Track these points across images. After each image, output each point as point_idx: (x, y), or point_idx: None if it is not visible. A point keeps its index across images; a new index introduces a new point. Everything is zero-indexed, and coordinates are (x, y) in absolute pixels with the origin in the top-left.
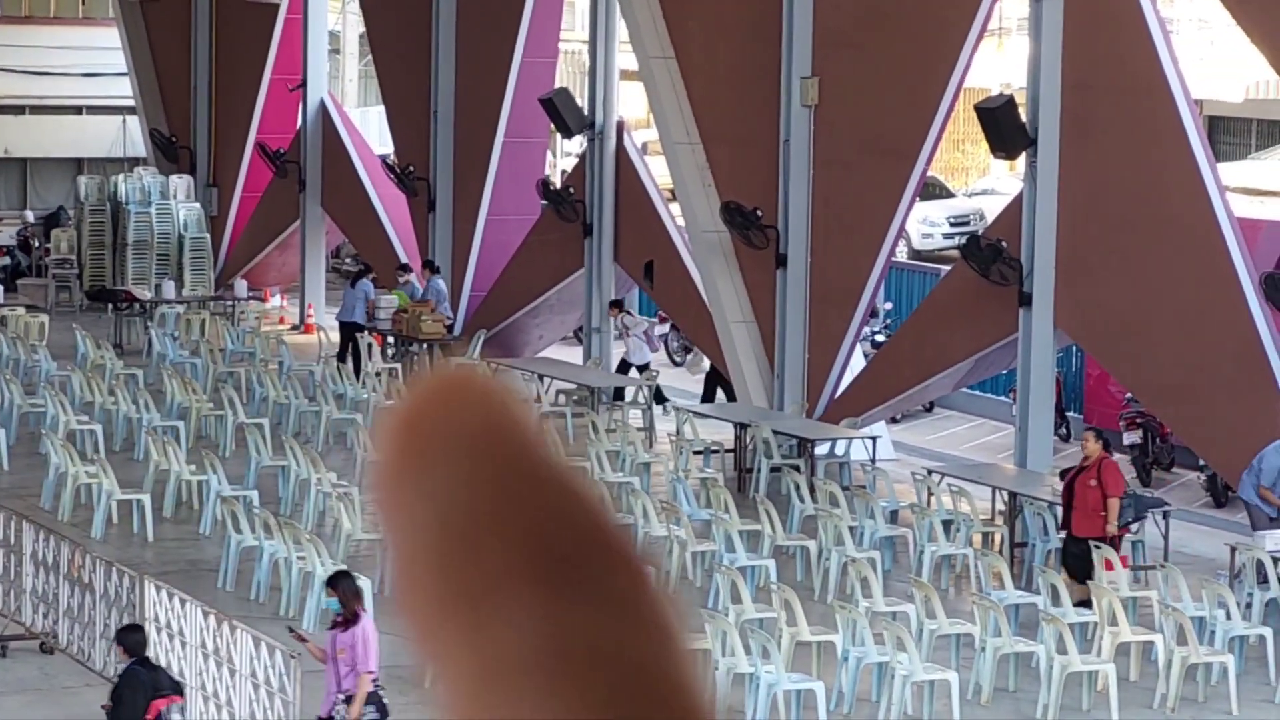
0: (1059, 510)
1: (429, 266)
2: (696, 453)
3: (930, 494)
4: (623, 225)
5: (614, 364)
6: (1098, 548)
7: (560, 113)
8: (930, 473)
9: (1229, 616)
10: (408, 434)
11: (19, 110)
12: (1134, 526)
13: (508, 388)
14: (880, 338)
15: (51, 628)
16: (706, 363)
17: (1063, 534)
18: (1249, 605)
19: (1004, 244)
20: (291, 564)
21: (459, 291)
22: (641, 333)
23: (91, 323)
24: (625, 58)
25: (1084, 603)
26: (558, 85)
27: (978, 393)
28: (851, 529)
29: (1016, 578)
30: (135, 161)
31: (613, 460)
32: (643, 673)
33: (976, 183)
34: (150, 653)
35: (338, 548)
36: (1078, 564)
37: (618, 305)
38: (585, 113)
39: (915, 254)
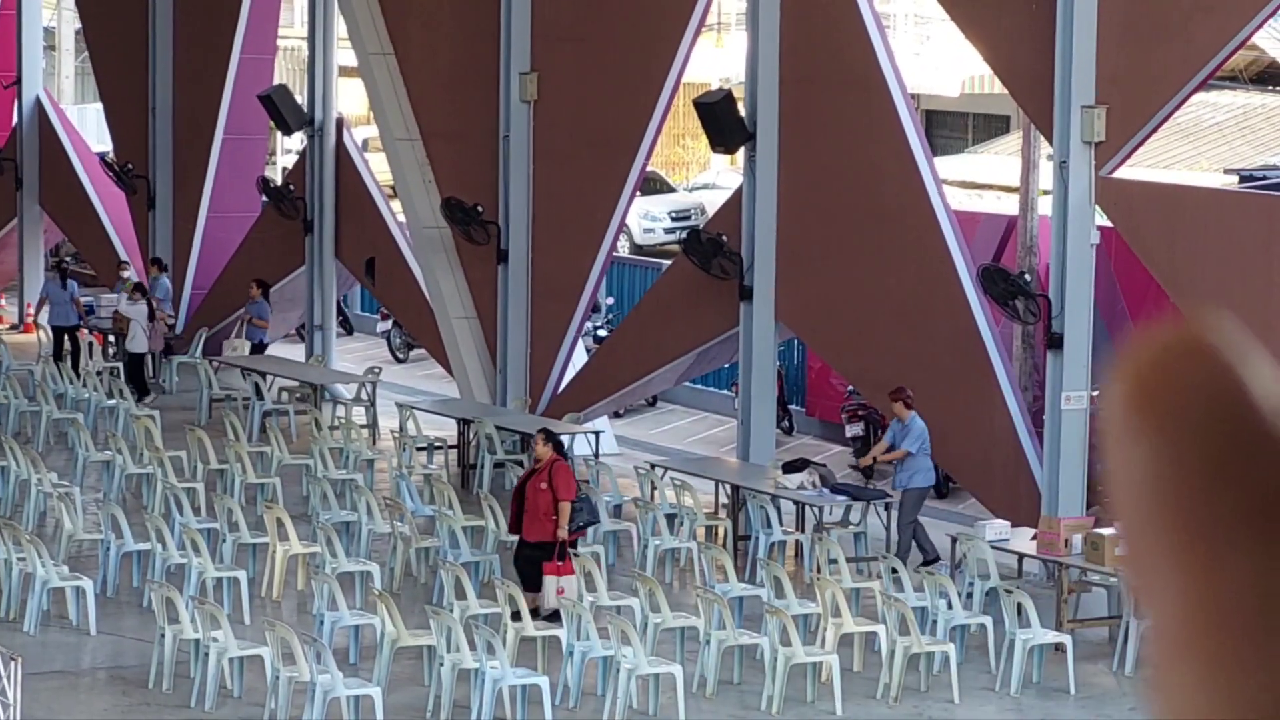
0: (783, 504)
1: (156, 264)
2: (420, 449)
3: (654, 488)
4: (344, 222)
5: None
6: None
7: (279, 109)
8: (654, 467)
9: (950, 606)
10: (1141, 387)
11: None
12: (588, 531)
13: (1234, 350)
14: (602, 332)
15: None
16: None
17: (514, 538)
18: (970, 595)
19: (724, 238)
20: (11, 565)
21: (180, 289)
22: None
23: None
24: (344, 54)
25: (534, 611)
26: (277, 82)
27: (700, 387)
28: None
29: (740, 571)
30: None
31: (336, 457)
32: None
33: (697, 177)
34: None
35: (59, 548)
36: (529, 570)
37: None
38: (305, 109)
39: (637, 249)
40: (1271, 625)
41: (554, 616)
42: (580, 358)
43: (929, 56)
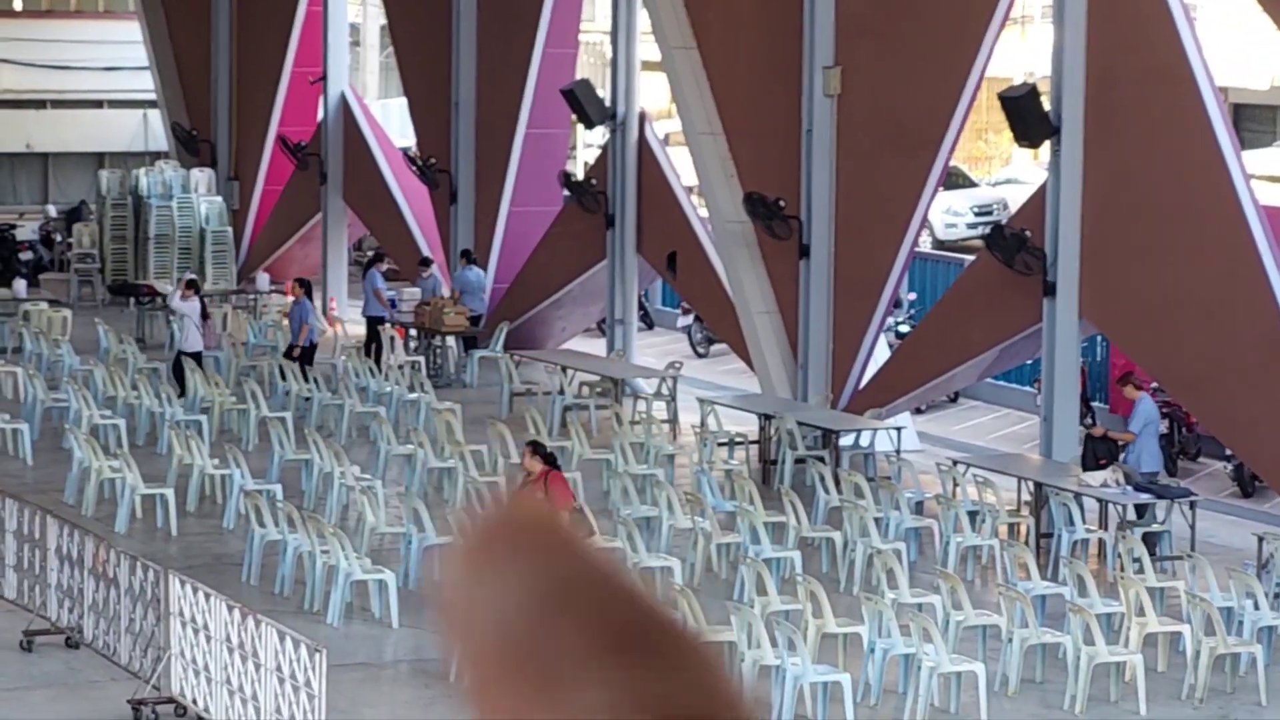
0: (1086, 501)
1: (465, 256)
2: (721, 444)
3: (955, 485)
4: (645, 216)
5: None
6: None
7: (582, 104)
8: (955, 463)
9: (1257, 606)
10: (473, 549)
11: (40, 105)
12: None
13: (555, 514)
14: (904, 328)
15: (77, 623)
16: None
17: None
18: (1277, 595)
19: (1028, 233)
20: (315, 558)
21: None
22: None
23: (114, 317)
24: (647, 48)
25: None
26: (579, 76)
27: (1002, 383)
28: (877, 520)
29: (1042, 569)
30: (156, 155)
31: (637, 452)
32: None
33: (1000, 172)
34: (175, 647)
35: (361, 541)
36: None
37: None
38: (607, 104)
39: (939, 244)
40: None
41: None
42: (882, 353)
43: (1238, 49)
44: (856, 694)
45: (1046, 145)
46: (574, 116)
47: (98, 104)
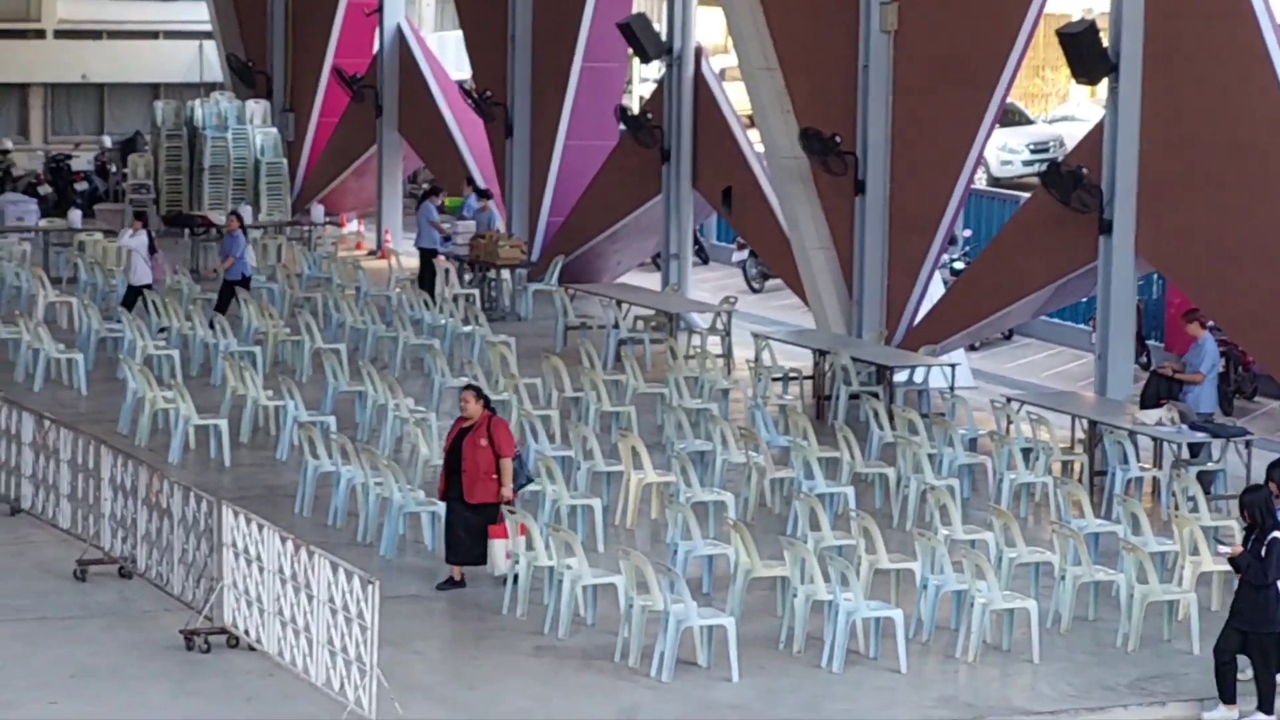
0: (1140, 439)
1: (471, 184)
2: (775, 379)
3: (1009, 422)
4: (701, 151)
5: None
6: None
7: (638, 38)
8: (1009, 400)
9: None
10: None
11: (96, 35)
12: (528, 489)
13: None
14: (959, 265)
15: (130, 552)
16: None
17: (441, 504)
18: None
19: (1085, 171)
20: (369, 489)
21: (536, 217)
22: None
23: (168, 248)
24: None
25: (460, 583)
26: (635, 10)
27: (1057, 320)
28: (930, 456)
29: (1096, 507)
30: (212, 86)
31: (691, 386)
32: None
33: (1056, 109)
34: (228, 578)
35: (414, 473)
36: (467, 537)
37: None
38: (663, 38)
39: (994, 181)
40: None
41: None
42: (937, 290)
43: None
44: (909, 630)
45: (1104, 82)
46: (630, 51)
47: (153, 35)
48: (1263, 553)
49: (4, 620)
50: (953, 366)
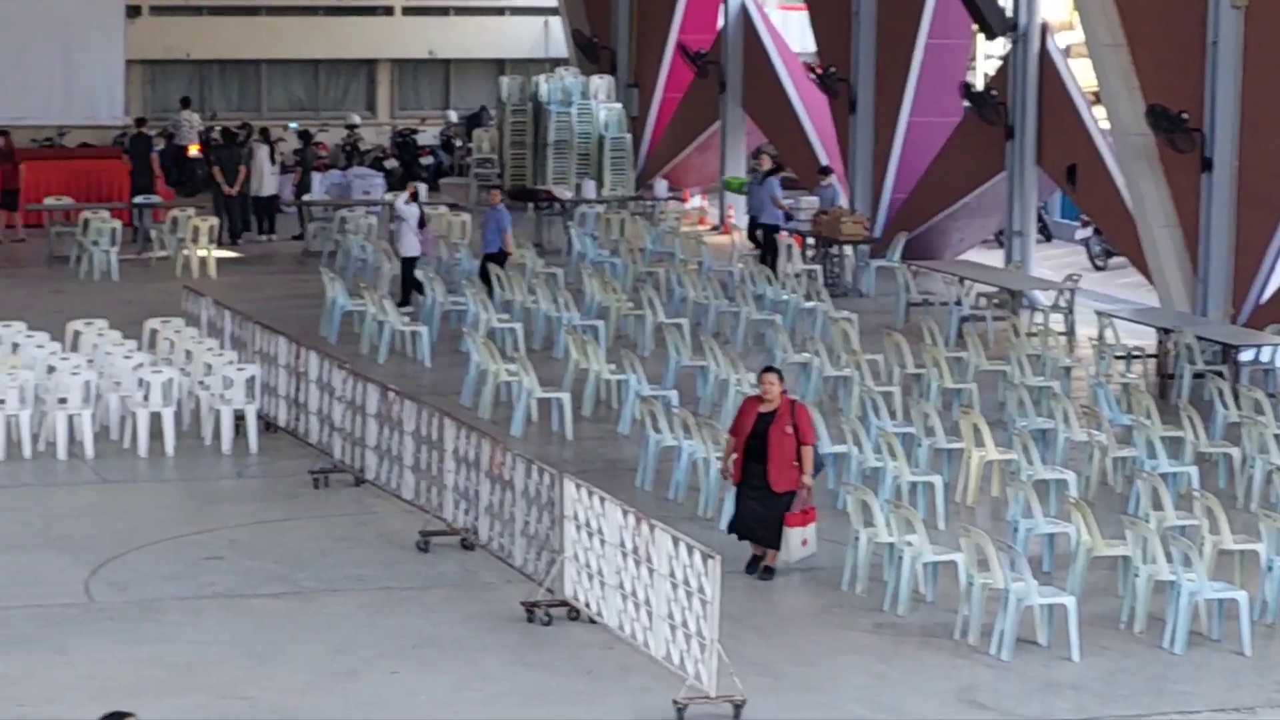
0: None
1: (822, 172)
2: (1118, 358)
3: None
4: (1045, 128)
5: None
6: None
7: (983, 14)
8: None
9: None
10: None
11: (443, 12)
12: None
13: None
14: None
15: (472, 524)
16: None
17: (732, 489)
18: None
19: None
20: (710, 464)
21: (879, 194)
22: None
23: (512, 222)
24: None
25: (767, 568)
26: None
27: None
28: (1276, 437)
29: None
30: (557, 62)
31: (1033, 364)
32: None
33: None
34: (569, 550)
35: None
36: (772, 527)
37: None
38: (1008, 14)
39: None
40: None
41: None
42: None
43: None
44: (1253, 611)
45: None
46: (975, 27)
47: (499, 11)
48: None
49: (348, 590)
50: None
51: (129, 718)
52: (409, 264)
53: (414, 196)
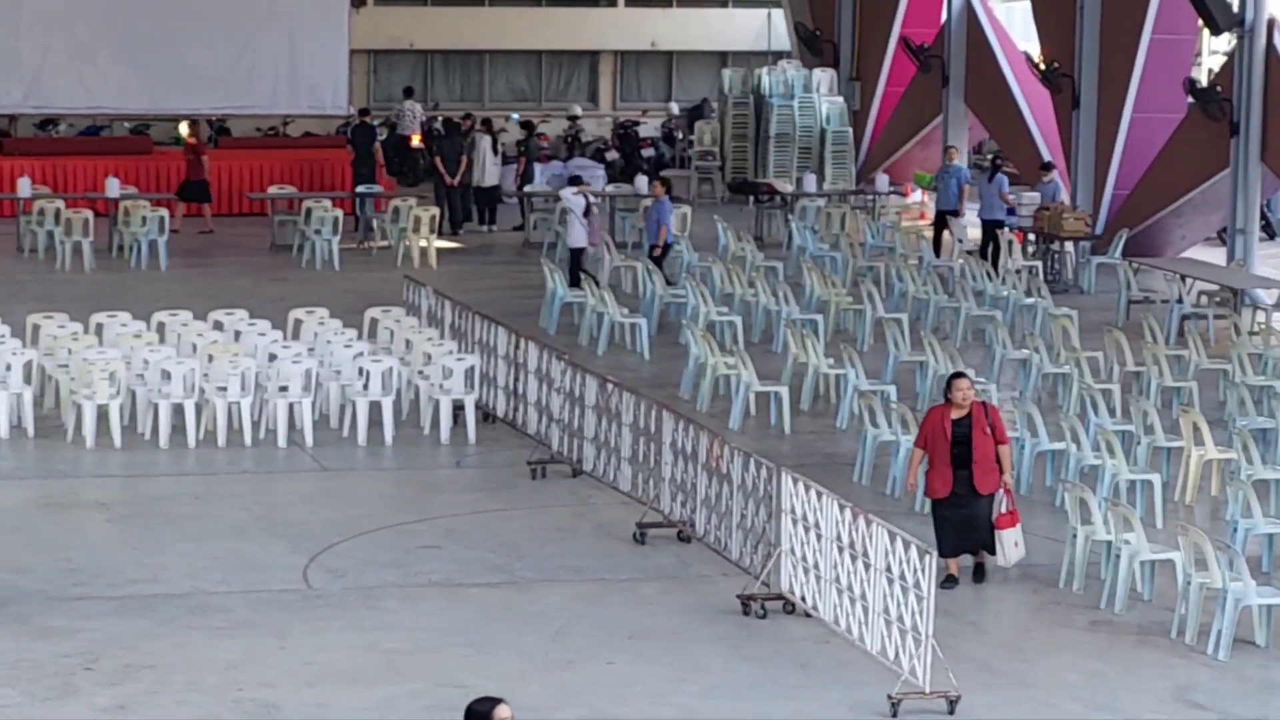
0: None
1: (1044, 168)
2: None
3: None
4: (1270, 125)
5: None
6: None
7: (1208, 9)
8: None
9: None
10: None
11: (666, 3)
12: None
13: None
14: None
15: (689, 517)
16: None
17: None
18: None
19: None
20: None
21: (1101, 190)
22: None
23: (732, 215)
24: None
25: (978, 569)
26: None
27: None
28: None
29: None
30: (779, 55)
31: (1254, 363)
32: None
33: None
34: (785, 544)
35: None
36: (988, 529)
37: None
38: (1235, 10)
39: None
40: None
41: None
42: None
43: None
44: None
45: None
46: (1200, 22)
47: (722, 3)
48: None
49: (565, 580)
50: None
51: (500, 704)
52: (576, 255)
53: (576, 181)
